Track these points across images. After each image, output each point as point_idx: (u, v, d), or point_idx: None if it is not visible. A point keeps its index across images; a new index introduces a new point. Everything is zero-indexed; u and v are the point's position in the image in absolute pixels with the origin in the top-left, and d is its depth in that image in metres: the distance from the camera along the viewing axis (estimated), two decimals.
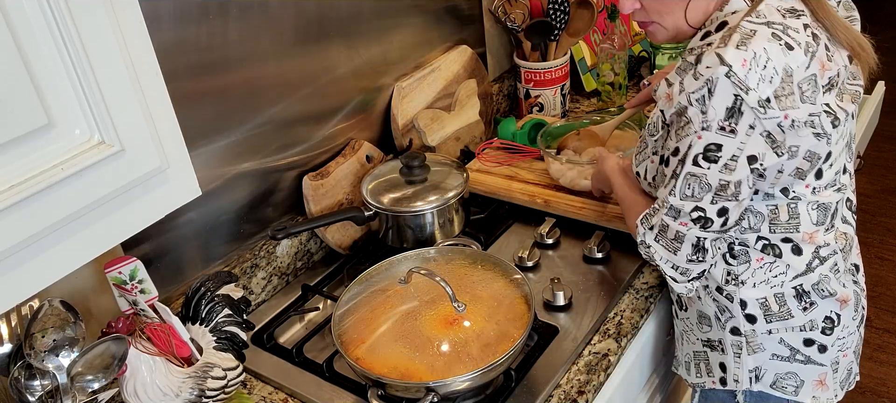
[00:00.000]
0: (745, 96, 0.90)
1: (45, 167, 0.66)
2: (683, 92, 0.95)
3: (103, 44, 0.67)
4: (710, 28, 1.02)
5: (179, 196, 0.79)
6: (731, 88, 0.90)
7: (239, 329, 1.12)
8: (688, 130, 0.95)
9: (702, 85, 0.92)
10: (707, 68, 0.91)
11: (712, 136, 0.93)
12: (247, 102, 1.25)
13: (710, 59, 0.92)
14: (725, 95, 0.91)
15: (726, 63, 0.90)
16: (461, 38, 1.72)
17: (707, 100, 0.92)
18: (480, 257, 1.24)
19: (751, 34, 0.92)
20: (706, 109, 0.92)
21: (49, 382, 0.90)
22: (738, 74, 0.90)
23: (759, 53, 0.91)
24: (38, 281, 0.69)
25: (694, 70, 0.93)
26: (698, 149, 0.95)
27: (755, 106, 0.90)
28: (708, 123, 0.93)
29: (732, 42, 0.91)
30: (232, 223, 1.29)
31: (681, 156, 0.97)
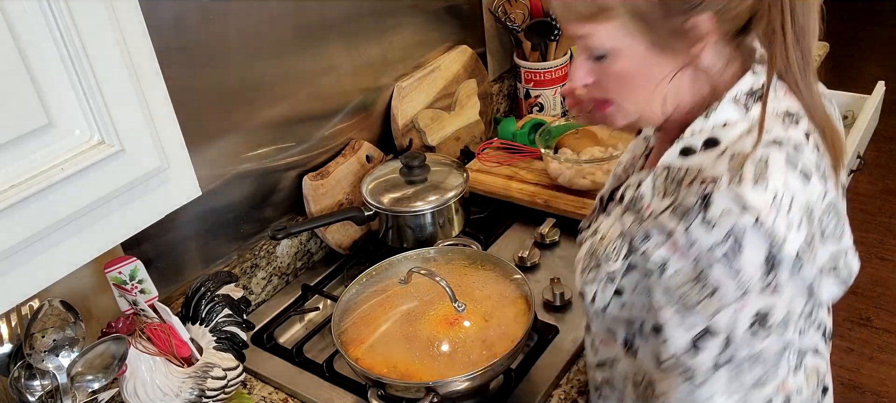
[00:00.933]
0: (782, 247, 0.71)
1: (46, 167, 0.66)
2: (696, 246, 0.73)
3: (103, 44, 0.67)
4: (693, 143, 0.78)
5: (179, 196, 0.79)
6: (762, 242, 0.70)
7: (239, 329, 1.12)
8: (719, 301, 0.74)
9: (722, 237, 0.71)
10: (724, 215, 0.70)
11: (758, 301, 0.73)
12: (247, 102, 1.25)
13: (725, 201, 0.70)
14: (758, 248, 0.71)
15: (750, 208, 0.69)
16: (461, 38, 1.72)
17: (735, 257, 0.71)
18: (480, 257, 1.24)
19: (764, 164, 0.71)
20: (740, 268, 0.72)
21: (49, 382, 0.90)
22: (767, 223, 0.70)
23: (780, 192, 0.70)
24: (38, 281, 0.69)
25: (703, 216, 0.71)
26: (747, 320, 0.74)
27: (792, 258, 0.72)
28: (747, 286, 0.72)
29: (747, 177, 0.70)
30: (232, 223, 1.29)
31: (723, 338, 0.75)
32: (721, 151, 0.75)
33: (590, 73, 0.81)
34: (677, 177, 0.78)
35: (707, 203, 0.71)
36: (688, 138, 0.79)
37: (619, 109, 0.82)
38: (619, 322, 0.90)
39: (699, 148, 0.77)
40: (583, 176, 1.43)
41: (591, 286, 0.88)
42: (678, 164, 0.78)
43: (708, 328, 0.75)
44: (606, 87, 0.81)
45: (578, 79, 0.81)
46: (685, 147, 0.79)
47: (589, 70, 0.80)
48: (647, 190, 0.81)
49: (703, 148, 0.77)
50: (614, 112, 0.83)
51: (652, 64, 0.77)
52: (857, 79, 3.78)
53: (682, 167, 0.78)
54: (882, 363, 2.40)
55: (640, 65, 0.77)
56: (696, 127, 0.78)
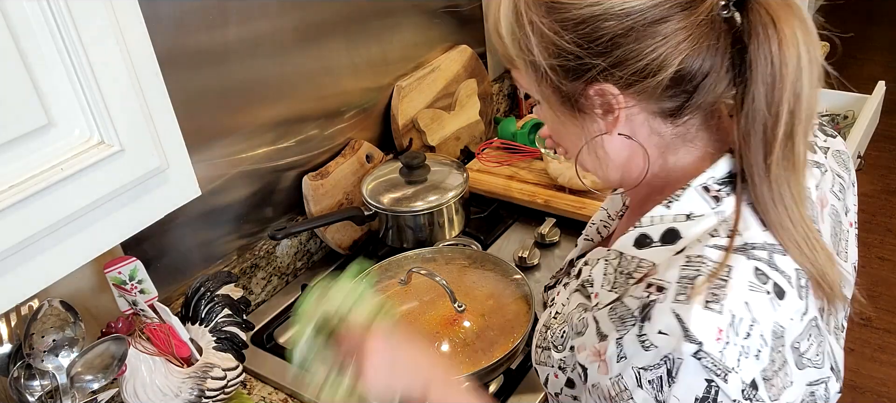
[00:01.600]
0: (723, 384, 0.58)
1: (45, 167, 0.66)
2: (625, 361, 0.62)
3: (103, 44, 0.67)
4: (650, 232, 0.69)
5: (179, 196, 0.79)
6: (701, 374, 0.58)
7: (239, 329, 1.12)
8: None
9: (657, 362, 0.60)
10: (661, 335, 0.59)
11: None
12: (247, 102, 1.25)
13: (666, 320, 0.59)
14: (693, 381, 0.59)
15: (693, 338, 0.57)
16: (461, 38, 1.72)
17: (665, 386, 0.59)
18: (480, 257, 1.24)
19: (724, 279, 0.60)
20: (665, 400, 0.60)
21: (49, 382, 0.90)
22: (712, 354, 0.58)
23: (739, 314, 0.58)
24: (38, 281, 0.69)
25: (639, 330, 0.61)
26: None
27: (737, 398, 0.58)
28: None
29: (697, 295, 0.59)
30: (232, 223, 1.29)
31: None
32: (679, 250, 0.65)
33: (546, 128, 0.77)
34: (627, 268, 0.69)
35: (646, 315, 0.60)
36: (646, 226, 0.69)
37: None
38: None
39: (656, 240, 0.68)
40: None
41: (543, 368, 0.80)
42: (631, 254, 0.70)
43: None
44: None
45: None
46: (641, 235, 0.70)
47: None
48: (598, 276, 0.73)
49: (660, 241, 0.68)
50: None
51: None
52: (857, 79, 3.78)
53: (635, 258, 0.69)
54: (882, 363, 2.40)
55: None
56: (655, 213, 0.69)
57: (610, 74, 0.64)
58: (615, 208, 0.92)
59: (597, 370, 0.65)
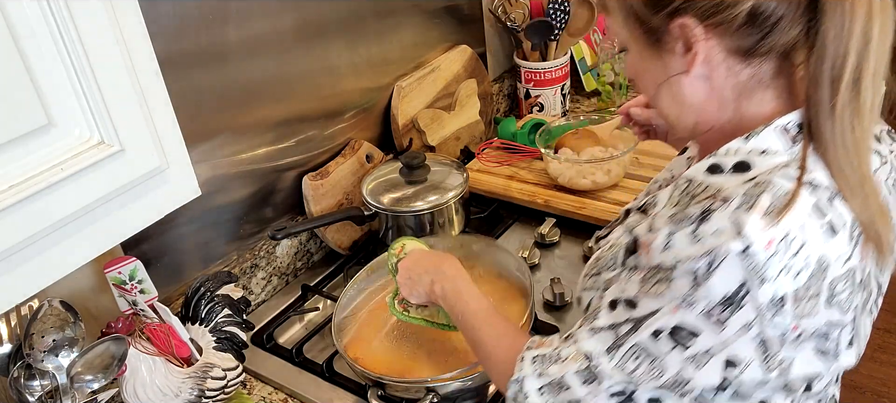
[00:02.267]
0: (756, 288, 0.63)
1: (45, 167, 0.66)
2: (670, 251, 0.67)
3: (103, 44, 0.67)
4: (723, 162, 0.73)
5: (179, 196, 0.79)
6: (740, 273, 0.63)
7: (239, 329, 1.12)
8: (661, 291, 0.68)
9: (700, 254, 0.65)
10: (714, 234, 0.64)
11: (691, 319, 0.66)
12: (247, 102, 1.25)
13: (723, 222, 0.64)
14: (729, 280, 0.64)
15: (744, 237, 0.63)
16: (461, 38, 1.72)
17: (702, 277, 0.65)
18: (481, 257, 1.23)
19: (787, 200, 0.64)
20: (698, 285, 0.65)
21: (49, 382, 0.90)
22: (757, 257, 0.63)
23: (793, 233, 0.63)
24: (38, 281, 0.69)
25: (695, 228, 0.66)
26: (665, 323, 0.68)
27: (763, 304, 0.64)
28: (693, 301, 0.66)
29: (760, 206, 0.64)
30: (232, 223, 1.29)
31: (636, 316, 0.70)
32: (749, 178, 0.68)
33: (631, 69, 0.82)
34: (694, 191, 0.74)
35: (704, 217, 0.65)
36: (721, 156, 0.73)
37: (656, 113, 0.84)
38: None
39: (728, 169, 0.72)
40: (583, 176, 1.43)
41: (588, 292, 0.85)
42: (700, 179, 0.74)
43: (632, 301, 0.71)
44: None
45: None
46: (714, 164, 0.74)
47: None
48: (663, 198, 0.79)
49: (732, 170, 0.71)
50: None
51: (648, 65, 0.77)
52: None
53: (703, 183, 0.73)
54: (882, 363, 2.40)
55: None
56: (732, 146, 0.73)
57: (691, 5, 0.69)
58: (680, 169, 0.94)
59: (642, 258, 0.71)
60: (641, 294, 0.70)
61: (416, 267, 1.03)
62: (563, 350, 0.76)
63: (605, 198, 1.43)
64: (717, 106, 0.75)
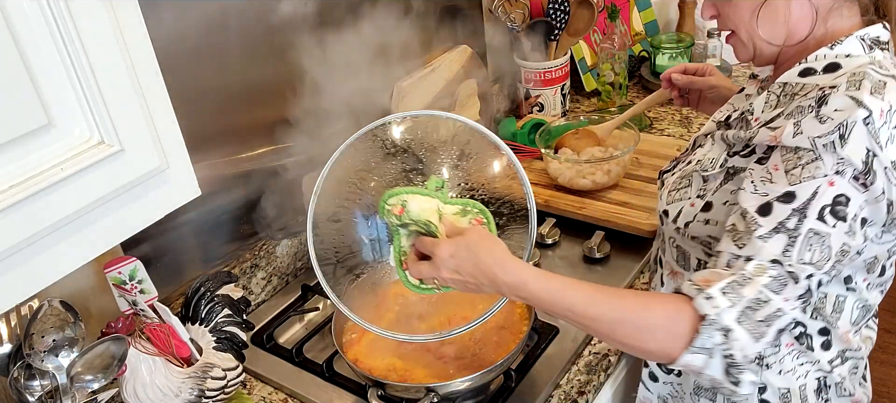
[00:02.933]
0: (880, 152, 0.76)
1: (45, 167, 0.66)
2: (803, 135, 0.77)
3: (103, 44, 0.67)
4: (815, 66, 0.85)
5: (179, 196, 0.79)
6: (866, 138, 0.75)
7: (239, 329, 1.12)
8: (813, 171, 0.76)
9: (832, 129, 0.76)
10: (837, 111, 0.76)
11: (846, 185, 0.76)
12: (247, 102, 1.25)
13: (842, 101, 0.77)
14: (860, 144, 0.75)
15: (866, 106, 0.75)
16: (461, 38, 1.72)
17: (838, 146, 0.75)
18: None
19: (882, 84, 0.78)
20: (840, 152, 0.75)
21: (49, 382, 0.90)
22: (876, 123, 0.75)
23: (893, 107, 0.77)
24: (38, 281, 0.69)
25: (817, 112, 0.78)
26: (827, 198, 0.76)
27: (889, 166, 0.76)
28: (843, 167, 0.76)
29: (865, 87, 0.77)
30: (232, 223, 1.29)
31: (799, 204, 0.76)
32: (841, 74, 0.81)
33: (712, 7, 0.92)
34: (793, 91, 0.85)
35: (822, 101, 0.78)
36: (811, 61, 0.86)
37: (739, 40, 0.92)
38: (698, 243, 0.94)
39: (820, 70, 0.84)
40: (583, 176, 1.43)
41: (676, 204, 0.95)
42: (795, 81, 0.86)
43: (788, 192, 0.77)
44: (726, 18, 0.91)
45: (705, 17, 0.93)
46: (806, 68, 0.86)
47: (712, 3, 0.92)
48: (759, 104, 0.89)
49: (824, 71, 0.84)
50: (736, 43, 0.93)
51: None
52: None
53: (799, 83, 0.85)
54: (882, 363, 2.40)
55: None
56: (820, 53, 0.86)
57: None
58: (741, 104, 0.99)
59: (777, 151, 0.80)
60: (792, 181, 0.77)
61: (466, 270, 0.85)
62: (746, 270, 0.76)
63: (605, 198, 1.43)
64: (810, 22, 0.86)
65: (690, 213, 0.92)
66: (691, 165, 0.96)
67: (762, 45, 0.90)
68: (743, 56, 0.93)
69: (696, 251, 0.95)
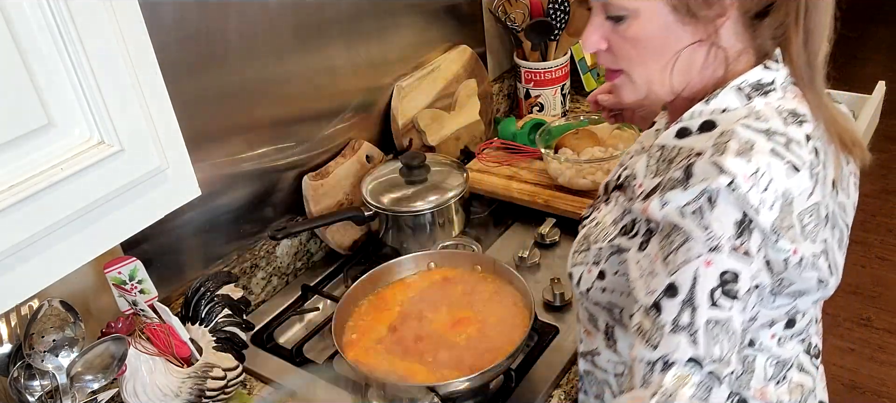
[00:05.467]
0: (756, 216, 0.69)
1: (45, 167, 0.66)
2: (669, 205, 0.72)
3: (103, 44, 0.67)
4: (690, 125, 0.78)
5: (179, 196, 0.79)
6: (736, 204, 0.69)
7: (239, 329, 1.12)
8: (686, 254, 0.70)
9: (696, 195, 0.70)
10: (702, 180, 0.70)
11: (726, 261, 0.69)
12: (247, 102, 1.25)
13: (705, 169, 0.70)
14: (731, 211, 0.69)
15: (728, 172, 0.69)
16: (461, 38, 1.72)
17: (706, 212, 0.69)
18: (480, 258, 1.23)
19: (749, 145, 0.71)
20: (708, 224, 0.69)
21: (49, 382, 0.90)
22: (741, 189, 0.69)
23: (762, 170, 0.70)
24: (38, 281, 0.69)
25: (684, 183, 0.71)
26: (712, 281, 0.69)
27: (767, 229, 0.70)
28: (716, 242, 0.69)
29: (730, 150, 0.70)
30: (232, 223, 1.29)
31: (685, 296, 0.70)
32: (711, 135, 0.75)
33: (603, 38, 0.79)
34: (669, 156, 0.78)
35: (689, 173, 0.71)
36: (686, 120, 0.79)
37: (629, 81, 0.81)
38: (601, 309, 0.89)
39: (695, 130, 0.77)
40: (583, 176, 1.43)
41: (578, 267, 0.89)
42: (672, 144, 0.79)
43: (671, 284, 0.70)
44: (619, 54, 0.79)
45: (591, 43, 0.80)
46: (682, 128, 0.79)
47: (603, 34, 0.79)
48: (641, 169, 0.81)
49: (699, 130, 0.77)
50: (623, 83, 0.81)
51: (670, 31, 0.75)
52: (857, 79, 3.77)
53: (675, 147, 0.78)
54: (882, 363, 2.40)
55: (657, 30, 0.76)
56: (695, 110, 0.79)
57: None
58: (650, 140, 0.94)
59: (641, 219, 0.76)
60: (671, 270, 0.71)
61: None
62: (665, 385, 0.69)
63: None
64: (712, 70, 0.79)
65: (589, 280, 0.86)
66: (593, 224, 0.89)
67: (662, 92, 0.81)
68: (629, 97, 0.82)
69: (603, 315, 0.89)
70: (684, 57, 0.77)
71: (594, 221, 0.90)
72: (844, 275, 0.85)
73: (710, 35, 0.75)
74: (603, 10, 0.77)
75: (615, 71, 0.81)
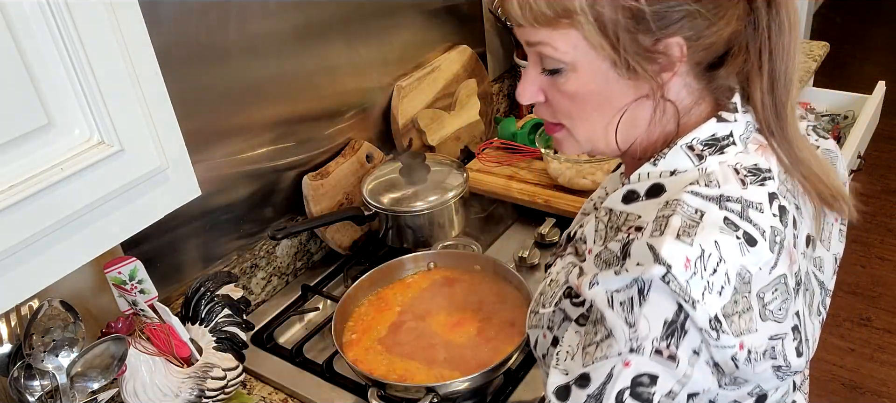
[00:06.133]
0: (692, 310, 0.61)
1: (45, 167, 0.66)
2: (598, 287, 0.65)
3: (103, 43, 0.67)
4: (638, 188, 0.72)
5: (179, 196, 0.79)
6: (670, 298, 0.62)
7: (239, 329, 1.12)
8: (606, 350, 0.64)
9: (628, 284, 0.63)
10: (636, 266, 0.63)
11: (645, 364, 0.63)
12: (247, 102, 1.25)
13: (641, 252, 0.63)
14: (663, 306, 0.62)
15: (662, 261, 0.61)
16: (461, 38, 1.72)
17: (636, 306, 0.63)
18: (480, 258, 1.24)
19: (695, 219, 0.64)
20: (635, 321, 0.63)
21: (49, 382, 0.90)
22: (679, 279, 0.61)
23: (708, 250, 0.62)
24: (38, 281, 0.69)
25: (618, 267, 0.65)
26: (624, 382, 0.63)
27: (705, 327, 0.62)
28: (639, 343, 0.63)
29: (670, 229, 0.63)
30: (232, 223, 1.29)
31: (594, 392, 0.65)
32: (663, 201, 0.68)
33: (540, 91, 0.73)
34: (617, 223, 0.72)
35: (626, 253, 0.65)
36: (633, 183, 0.73)
37: (569, 136, 0.75)
38: None
39: (642, 194, 0.71)
40: (583, 176, 1.43)
41: (534, 330, 0.81)
42: (619, 209, 0.73)
43: (584, 374, 0.66)
44: (557, 108, 0.73)
45: (528, 96, 0.74)
46: (629, 191, 0.73)
47: (540, 86, 0.73)
48: (590, 233, 0.76)
49: (646, 195, 0.71)
50: (563, 138, 0.76)
51: (611, 86, 0.69)
52: (857, 79, 3.78)
53: (623, 213, 0.72)
54: (882, 363, 2.40)
55: (597, 85, 0.69)
56: (642, 171, 0.72)
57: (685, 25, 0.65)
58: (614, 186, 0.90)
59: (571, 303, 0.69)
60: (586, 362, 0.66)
61: None
62: None
63: None
64: (661, 126, 0.73)
65: (544, 345, 0.78)
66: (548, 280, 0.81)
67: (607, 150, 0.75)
68: (571, 152, 0.77)
69: None
70: (629, 114, 0.71)
71: (549, 278, 0.81)
72: (845, 275, 0.83)
73: (656, 90, 0.69)
74: (539, 62, 0.72)
75: (555, 124, 0.76)
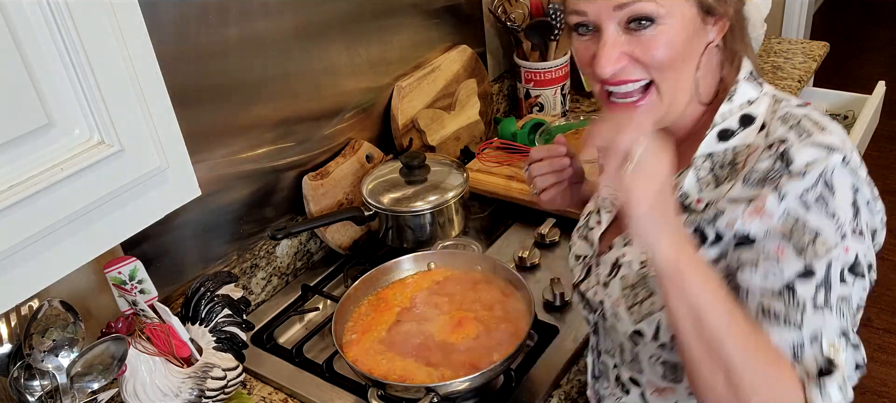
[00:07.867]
0: (862, 186, 0.72)
1: (45, 167, 0.66)
2: (788, 197, 0.70)
3: (103, 44, 0.67)
4: (728, 125, 0.79)
5: (179, 196, 0.79)
6: (849, 178, 0.71)
7: (239, 329, 1.12)
8: (822, 247, 0.70)
9: (814, 181, 0.69)
10: (811, 163, 0.70)
11: (854, 245, 0.71)
12: (247, 102, 1.25)
13: (808, 151, 0.70)
14: (846, 189, 0.70)
15: (836, 149, 0.70)
16: (461, 38, 1.72)
17: (829, 200, 0.70)
18: (480, 259, 1.23)
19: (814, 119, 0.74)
20: (835, 211, 0.70)
21: (49, 382, 0.90)
22: (853, 161, 0.71)
23: (842, 136, 0.74)
24: (38, 281, 0.69)
25: (789, 172, 0.70)
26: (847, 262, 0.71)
27: (869, 197, 0.73)
28: (845, 230, 0.70)
29: (818, 127, 0.72)
30: (232, 223, 1.29)
31: (822, 278, 0.70)
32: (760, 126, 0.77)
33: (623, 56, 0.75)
34: (725, 160, 0.78)
35: (787, 160, 0.71)
36: (720, 123, 0.80)
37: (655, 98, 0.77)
38: None
39: (736, 127, 0.79)
40: None
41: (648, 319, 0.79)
42: (721, 148, 0.79)
43: (807, 269, 0.70)
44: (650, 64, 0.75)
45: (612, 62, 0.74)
46: (722, 131, 0.79)
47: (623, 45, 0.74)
48: (691, 185, 0.80)
49: (740, 125, 0.79)
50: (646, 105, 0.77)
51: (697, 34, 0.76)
52: (857, 79, 3.78)
53: (728, 149, 0.79)
54: (882, 363, 2.40)
55: (687, 33, 0.75)
56: (723, 110, 0.80)
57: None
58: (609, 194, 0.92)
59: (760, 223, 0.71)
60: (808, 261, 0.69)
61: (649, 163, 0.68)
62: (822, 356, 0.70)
63: None
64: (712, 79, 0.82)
65: None
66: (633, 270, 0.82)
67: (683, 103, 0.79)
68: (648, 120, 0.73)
69: None
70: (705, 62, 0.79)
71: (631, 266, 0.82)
72: None
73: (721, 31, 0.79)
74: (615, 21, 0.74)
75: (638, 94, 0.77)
